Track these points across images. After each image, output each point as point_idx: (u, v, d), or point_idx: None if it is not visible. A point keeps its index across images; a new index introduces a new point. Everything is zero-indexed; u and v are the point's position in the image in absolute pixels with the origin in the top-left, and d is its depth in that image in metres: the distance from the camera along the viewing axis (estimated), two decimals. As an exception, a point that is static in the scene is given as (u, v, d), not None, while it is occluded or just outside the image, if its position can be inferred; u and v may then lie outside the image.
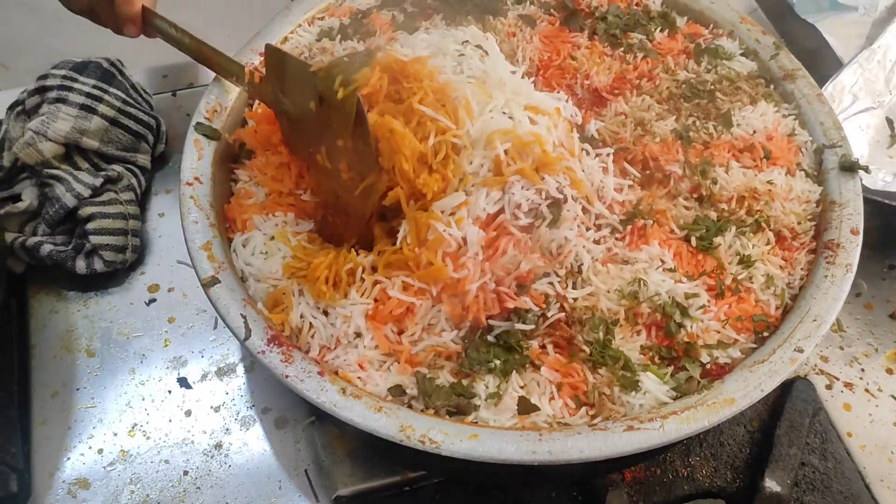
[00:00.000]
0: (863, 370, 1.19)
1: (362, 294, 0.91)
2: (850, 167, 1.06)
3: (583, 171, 0.98)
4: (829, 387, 1.17)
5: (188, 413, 1.11)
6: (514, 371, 0.90)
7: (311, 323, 0.91)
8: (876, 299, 1.27)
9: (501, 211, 0.92)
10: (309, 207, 1.03)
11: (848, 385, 1.18)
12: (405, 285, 0.91)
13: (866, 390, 1.17)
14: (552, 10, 1.24)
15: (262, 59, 1.15)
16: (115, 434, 1.08)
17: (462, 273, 0.90)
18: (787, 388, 1.14)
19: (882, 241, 1.32)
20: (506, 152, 0.93)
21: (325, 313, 0.92)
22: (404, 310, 0.90)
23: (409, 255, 0.91)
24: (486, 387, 0.89)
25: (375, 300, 0.91)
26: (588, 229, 0.98)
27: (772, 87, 1.18)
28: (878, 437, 1.13)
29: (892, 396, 1.17)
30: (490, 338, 0.92)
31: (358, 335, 0.91)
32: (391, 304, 0.90)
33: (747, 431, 1.12)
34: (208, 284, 0.93)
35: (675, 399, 0.89)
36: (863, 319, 1.25)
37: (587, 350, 0.91)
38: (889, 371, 1.19)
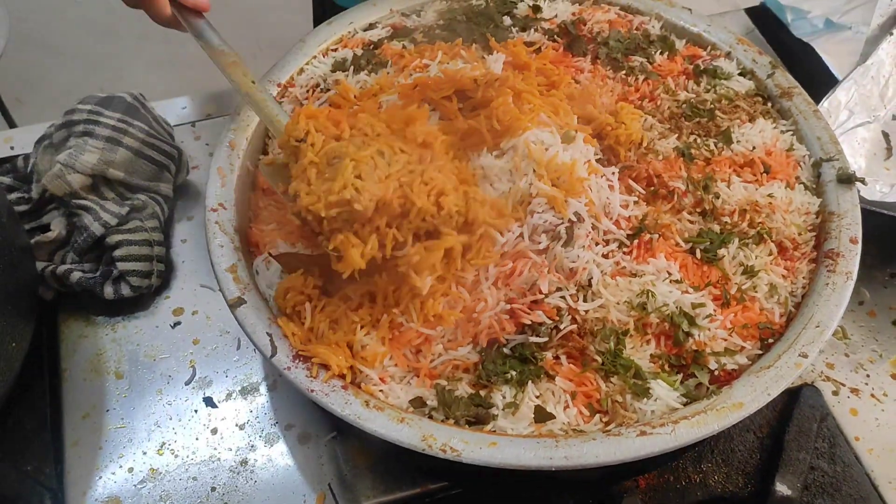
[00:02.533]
0: (868, 376, 1.22)
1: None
2: (847, 179, 1.10)
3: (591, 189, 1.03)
4: (835, 393, 1.20)
5: (214, 431, 1.14)
6: (530, 381, 0.94)
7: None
8: (879, 307, 1.31)
9: (520, 237, 0.97)
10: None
11: (854, 391, 1.21)
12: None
13: (872, 395, 1.20)
14: (555, 37, 1.29)
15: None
16: (145, 453, 1.12)
17: (479, 306, 0.94)
18: (794, 394, 1.18)
19: (883, 250, 1.36)
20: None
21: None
22: (423, 339, 0.95)
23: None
24: (504, 397, 0.92)
25: (391, 327, 0.95)
26: (597, 244, 1.02)
27: (769, 104, 1.23)
28: (885, 441, 1.16)
29: (898, 401, 1.20)
30: (506, 350, 0.95)
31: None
32: (409, 334, 0.94)
33: (757, 437, 1.15)
34: (235, 305, 0.97)
35: (685, 405, 0.92)
36: (866, 327, 1.28)
37: (599, 360, 0.95)
38: (894, 376, 1.23)
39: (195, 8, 1.13)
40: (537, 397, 0.93)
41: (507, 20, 1.32)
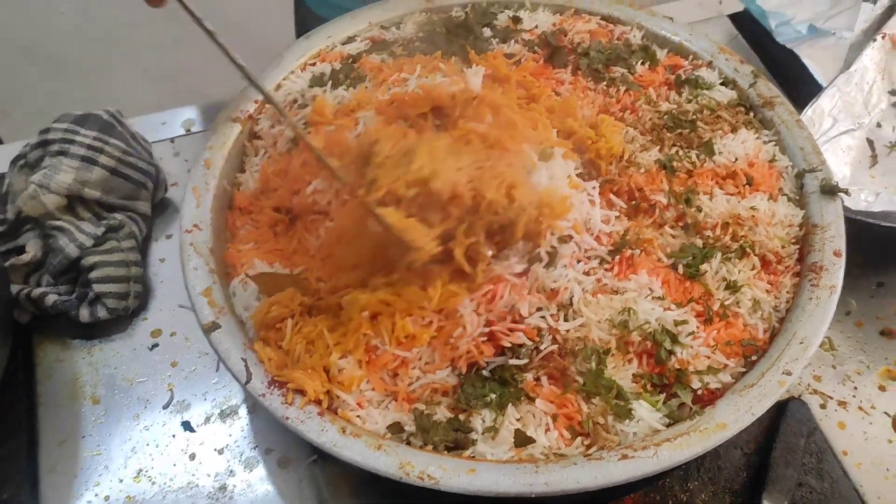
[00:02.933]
0: (856, 388, 1.21)
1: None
2: (830, 190, 1.09)
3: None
4: (822, 406, 1.19)
5: (192, 457, 1.12)
6: (510, 404, 0.92)
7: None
8: (866, 317, 1.29)
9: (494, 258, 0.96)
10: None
11: (842, 403, 1.19)
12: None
13: (860, 408, 1.19)
14: (536, 48, 1.28)
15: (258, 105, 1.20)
16: (121, 480, 1.10)
17: (457, 332, 0.93)
18: (781, 408, 1.16)
19: (869, 259, 1.35)
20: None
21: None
22: (399, 362, 0.93)
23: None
24: (483, 421, 0.91)
25: (367, 350, 0.93)
26: (578, 261, 1.00)
27: (751, 114, 1.22)
28: (873, 455, 1.14)
29: (886, 413, 1.18)
30: (485, 372, 0.94)
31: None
32: (385, 357, 0.92)
33: (744, 454, 1.13)
34: (209, 329, 0.96)
35: (667, 426, 0.91)
36: (854, 337, 1.27)
37: (580, 380, 0.93)
38: (881, 388, 1.21)
39: None
40: (518, 420, 0.92)
41: (487, 32, 1.31)
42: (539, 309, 0.96)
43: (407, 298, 0.93)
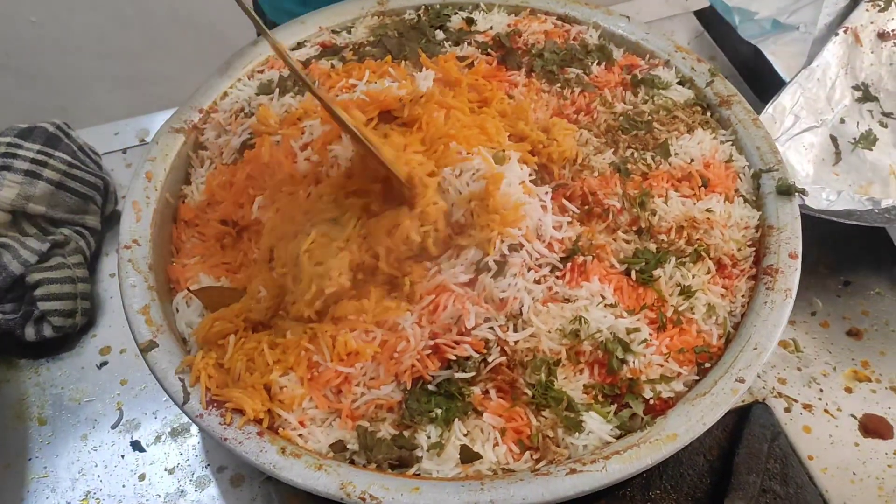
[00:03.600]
0: (821, 390, 1.19)
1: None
2: (786, 190, 1.06)
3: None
4: (787, 409, 1.16)
5: (142, 477, 1.09)
6: (457, 419, 0.89)
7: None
8: (832, 317, 1.27)
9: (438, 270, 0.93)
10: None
11: (807, 407, 1.17)
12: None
13: (825, 411, 1.17)
14: (489, 50, 1.25)
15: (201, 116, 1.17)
16: (69, 503, 1.07)
17: (401, 346, 0.90)
18: (745, 413, 1.14)
19: (835, 258, 1.33)
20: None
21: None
22: (342, 378, 0.90)
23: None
24: (429, 437, 0.88)
25: (309, 366, 0.90)
26: (529, 270, 0.98)
27: (708, 113, 1.20)
28: (839, 459, 1.12)
29: (852, 416, 1.16)
30: (431, 387, 0.91)
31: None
32: (328, 373, 0.90)
33: (707, 460, 1.11)
34: (146, 349, 0.93)
35: (618, 437, 0.88)
36: (819, 338, 1.24)
37: (530, 393, 0.90)
38: (847, 390, 1.19)
39: None
40: (465, 435, 0.89)
41: (440, 34, 1.28)
42: (487, 320, 0.93)
43: (341, 313, 0.91)
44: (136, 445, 1.12)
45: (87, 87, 3.62)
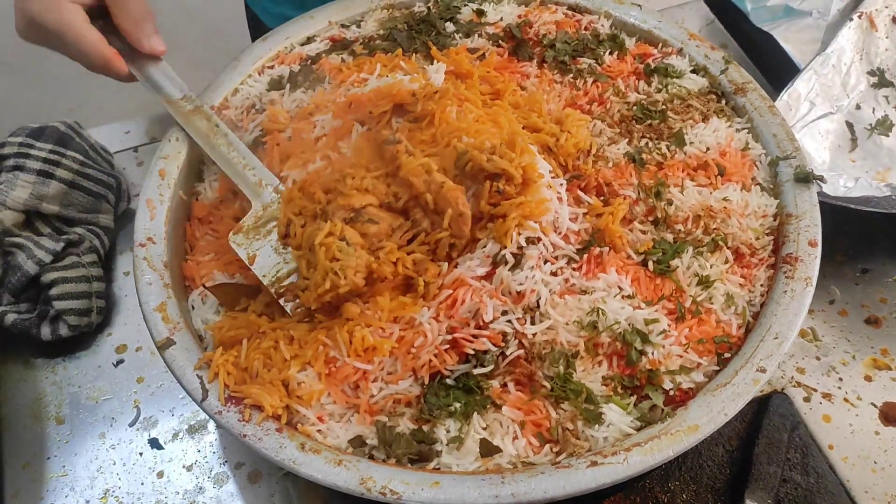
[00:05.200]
0: (841, 379, 1.18)
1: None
2: (804, 178, 1.05)
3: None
4: (806, 399, 1.15)
5: (160, 475, 1.10)
6: (476, 413, 0.89)
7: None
8: (850, 305, 1.26)
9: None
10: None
11: (826, 396, 1.16)
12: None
13: (845, 400, 1.16)
14: (500, 42, 1.24)
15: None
16: (88, 502, 1.07)
17: (418, 341, 0.90)
18: (763, 403, 1.13)
19: (853, 246, 1.31)
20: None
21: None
22: (360, 374, 0.90)
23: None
24: (448, 431, 0.88)
25: (326, 362, 0.90)
26: (546, 262, 0.97)
27: (723, 101, 1.18)
28: (860, 448, 1.11)
29: (873, 404, 1.15)
30: (449, 381, 0.90)
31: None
32: (345, 369, 0.89)
33: (726, 451, 1.10)
34: (163, 347, 0.93)
35: (639, 429, 0.87)
36: (838, 327, 1.23)
37: (548, 385, 0.90)
38: (868, 378, 1.18)
39: (152, 54, 1.08)
40: (484, 429, 0.88)
41: (451, 26, 1.27)
42: (504, 313, 0.92)
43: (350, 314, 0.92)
44: (154, 443, 1.12)
45: (93, 87, 3.61)
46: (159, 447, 1.12)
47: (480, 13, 1.29)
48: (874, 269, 1.29)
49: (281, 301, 0.97)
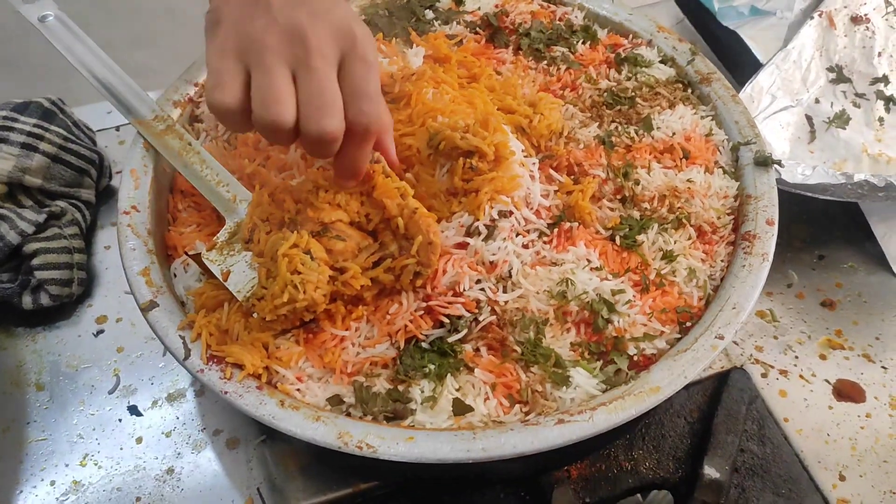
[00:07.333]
0: (797, 357, 1.24)
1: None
2: (764, 162, 1.11)
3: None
4: (764, 375, 1.21)
5: (139, 440, 1.12)
6: (449, 374, 0.92)
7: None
8: (807, 289, 1.32)
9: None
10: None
11: (783, 372, 1.22)
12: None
13: (801, 376, 1.22)
14: (477, 29, 1.29)
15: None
16: (67, 465, 1.09)
17: (393, 308, 0.94)
18: (723, 378, 1.19)
19: (810, 233, 1.38)
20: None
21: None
22: (337, 340, 0.93)
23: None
24: (422, 391, 0.91)
25: (305, 329, 0.94)
26: (517, 235, 1.01)
27: (689, 90, 1.24)
28: (813, 421, 1.17)
29: (826, 381, 1.21)
30: (424, 344, 0.94)
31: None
32: (322, 335, 0.93)
33: (687, 423, 1.15)
34: (147, 309, 0.95)
35: (604, 391, 0.92)
36: (795, 309, 1.29)
37: (519, 350, 0.94)
38: (822, 357, 1.24)
39: None
40: (457, 390, 0.92)
41: (430, 14, 1.31)
42: (478, 281, 0.97)
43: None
44: (134, 410, 1.15)
45: (70, 77, 3.61)
46: (138, 414, 1.15)
47: (459, 2, 1.33)
48: (830, 256, 1.36)
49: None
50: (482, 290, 0.96)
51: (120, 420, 1.14)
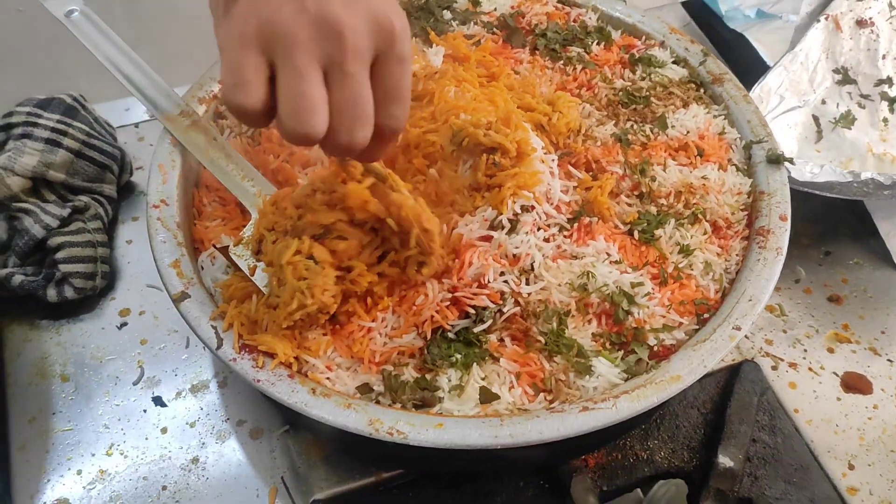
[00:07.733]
0: (805, 350, 1.27)
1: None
2: (776, 160, 1.14)
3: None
4: (774, 368, 1.24)
5: (164, 430, 1.14)
6: (475, 363, 0.95)
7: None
8: (814, 284, 1.35)
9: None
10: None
11: (792, 365, 1.25)
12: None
13: (810, 369, 1.25)
14: (495, 29, 1.31)
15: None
16: (93, 454, 1.11)
17: (419, 300, 0.96)
18: (735, 370, 1.21)
19: (818, 231, 1.41)
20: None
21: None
22: (364, 331, 0.96)
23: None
24: (449, 380, 0.94)
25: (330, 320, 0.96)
26: (539, 229, 1.04)
27: (702, 90, 1.27)
28: (822, 412, 1.20)
29: (834, 373, 1.24)
30: (450, 335, 0.97)
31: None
32: (350, 326, 0.96)
33: (701, 413, 1.18)
34: (179, 300, 0.97)
35: (625, 380, 0.95)
36: (803, 304, 1.33)
37: (542, 340, 0.97)
38: (830, 350, 1.27)
39: None
40: (483, 379, 0.95)
41: (447, 14, 1.34)
42: (502, 274, 0.99)
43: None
44: (158, 401, 1.17)
45: (71, 76, 3.61)
46: (163, 405, 1.16)
47: (475, 3, 1.36)
48: (836, 252, 1.40)
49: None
50: (506, 282, 0.99)
51: (145, 411, 1.16)
